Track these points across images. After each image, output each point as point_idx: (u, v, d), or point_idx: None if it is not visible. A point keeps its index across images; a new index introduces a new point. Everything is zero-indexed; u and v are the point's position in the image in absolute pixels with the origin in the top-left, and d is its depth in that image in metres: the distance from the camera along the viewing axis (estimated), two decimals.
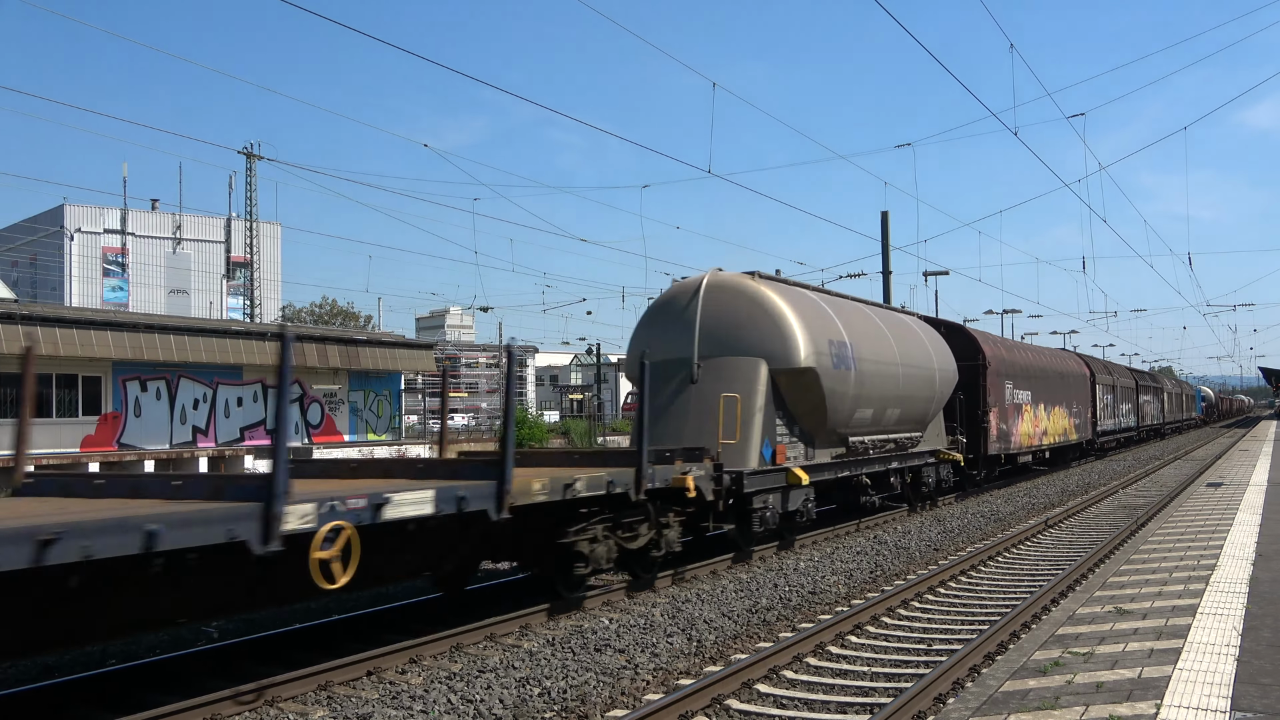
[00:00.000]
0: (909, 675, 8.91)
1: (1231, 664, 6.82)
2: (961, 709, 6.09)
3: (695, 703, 7.81)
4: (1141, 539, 14.26)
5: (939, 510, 21.16)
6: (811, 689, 8.58)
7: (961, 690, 7.87)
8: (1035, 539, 17.68)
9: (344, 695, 7.93)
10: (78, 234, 61.12)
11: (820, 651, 9.70)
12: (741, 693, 8.27)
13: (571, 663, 8.94)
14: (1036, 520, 19.48)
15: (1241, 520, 15.15)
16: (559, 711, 7.84)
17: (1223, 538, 13.25)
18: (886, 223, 31.64)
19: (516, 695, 8.01)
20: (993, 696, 6.35)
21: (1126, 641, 7.69)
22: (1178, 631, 7.89)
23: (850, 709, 8.00)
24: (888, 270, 31.48)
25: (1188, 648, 7.33)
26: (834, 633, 10.21)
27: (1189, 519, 15.90)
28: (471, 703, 7.76)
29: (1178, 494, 23.33)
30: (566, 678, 8.51)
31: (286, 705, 7.67)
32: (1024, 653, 7.54)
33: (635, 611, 10.87)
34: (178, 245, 65.44)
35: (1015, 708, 6.05)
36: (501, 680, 8.32)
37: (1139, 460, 36.65)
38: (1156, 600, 9.30)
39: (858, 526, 17.98)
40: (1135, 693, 6.23)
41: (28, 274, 61.40)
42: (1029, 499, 24.07)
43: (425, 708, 7.61)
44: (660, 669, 9.08)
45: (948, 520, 19.46)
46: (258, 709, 7.55)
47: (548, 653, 9.19)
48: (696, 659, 9.52)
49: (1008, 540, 16.77)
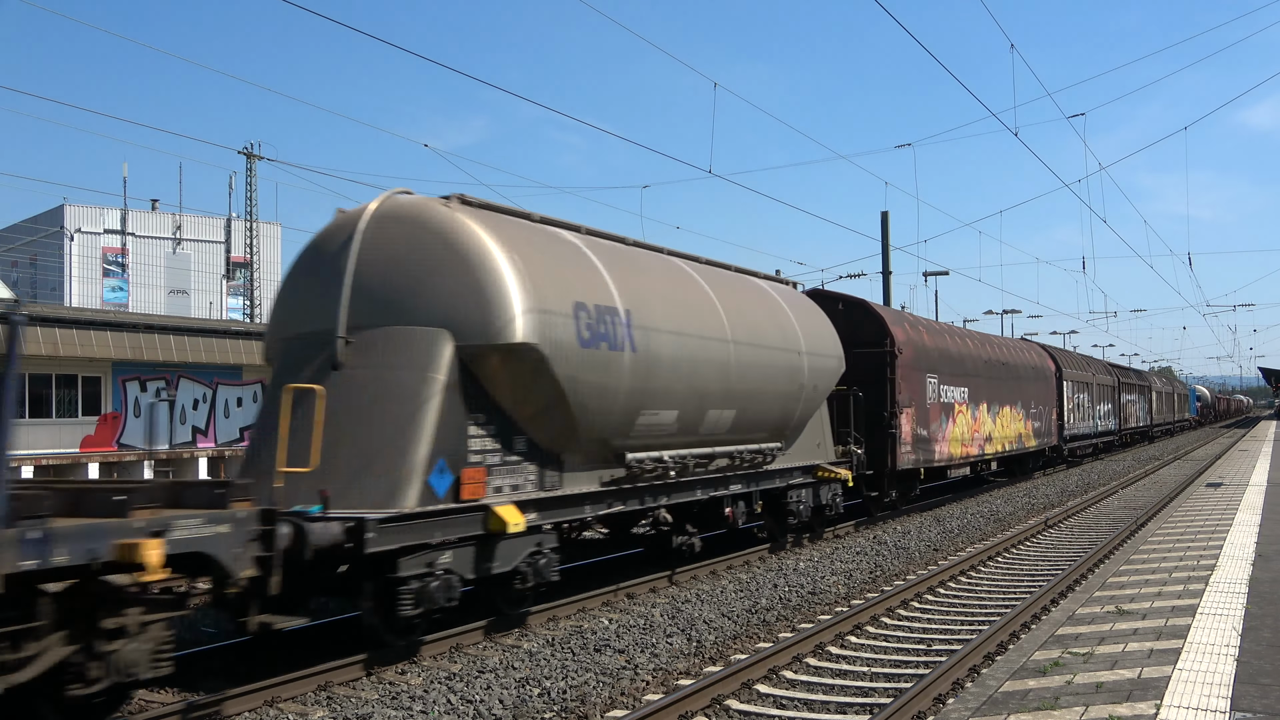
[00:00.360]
0: (909, 675, 8.91)
1: (1231, 664, 6.82)
2: (961, 709, 6.09)
3: (695, 703, 7.81)
4: (1141, 539, 14.27)
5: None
6: (811, 689, 8.58)
7: (961, 690, 7.87)
8: (1035, 539, 17.68)
9: (344, 695, 7.94)
10: (78, 234, 61.11)
11: (820, 652, 9.70)
12: (741, 693, 8.27)
13: (571, 663, 8.94)
14: (1036, 520, 19.47)
15: (1241, 520, 15.16)
16: (559, 712, 7.84)
17: (1222, 538, 13.26)
18: (886, 223, 31.65)
19: (516, 695, 8.01)
20: (992, 697, 6.35)
21: (1126, 642, 7.69)
22: (1177, 632, 7.89)
23: (850, 709, 8.00)
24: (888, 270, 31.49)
25: (1187, 648, 7.33)
26: (834, 633, 10.20)
27: (1189, 519, 15.91)
28: (471, 703, 7.77)
29: (1177, 494, 23.34)
30: (566, 678, 8.51)
31: (286, 705, 7.67)
32: (1024, 653, 7.55)
33: (635, 612, 10.87)
34: (178, 245, 65.43)
35: (1015, 708, 6.05)
36: (501, 680, 8.32)
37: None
38: (1156, 600, 9.30)
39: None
40: (1135, 693, 6.23)
41: (28, 274, 61.41)
42: (1028, 499, 24.07)
43: (425, 708, 7.62)
44: (660, 669, 9.08)
45: (947, 520, 19.46)
46: (258, 709, 7.56)
47: (547, 653, 9.20)
48: (696, 659, 9.52)
49: (1007, 540, 16.77)
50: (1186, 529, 14.66)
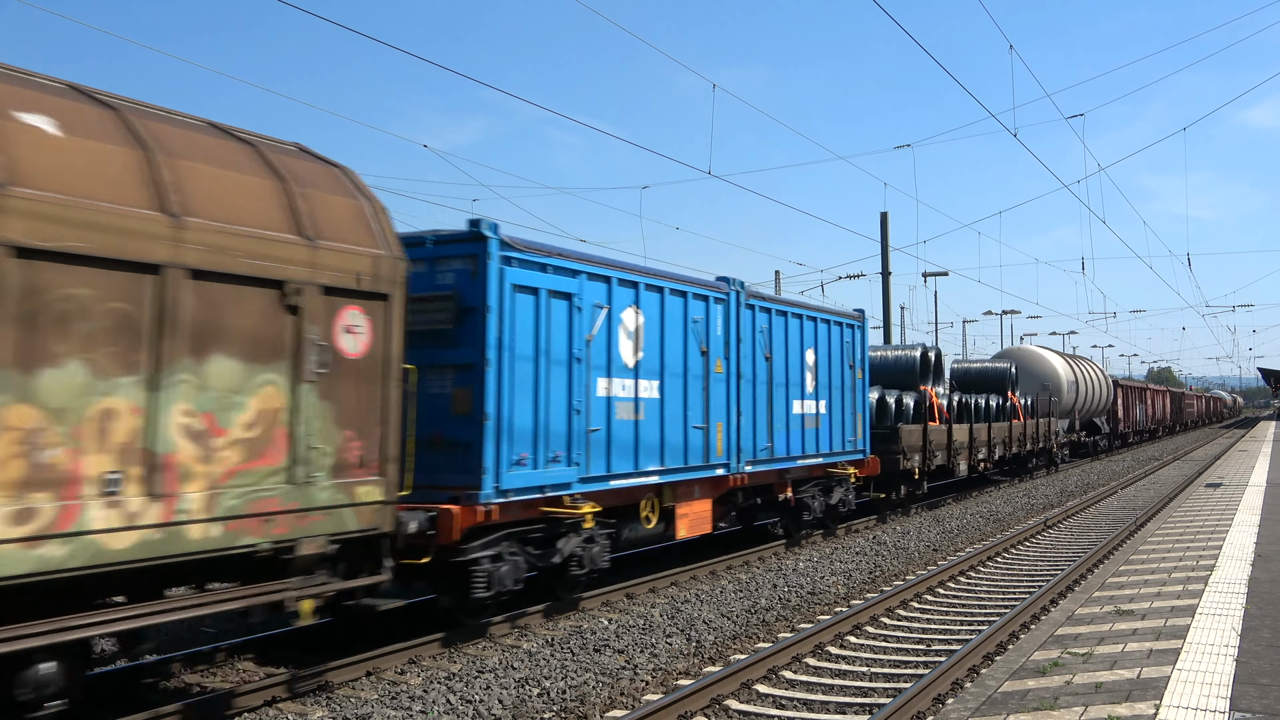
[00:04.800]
0: (908, 676, 8.91)
1: (1230, 664, 6.83)
2: (961, 709, 6.10)
3: (694, 703, 7.81)
4: (1141, 539, 14.27)
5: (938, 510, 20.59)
6: (810, 689, 8.58)
7: (961, 691, 7.88)
8: (1034, 539, 17.68)
9: (344, 695, 7.94)
10: None
11: (819, 652, 9.71)
12: (741, 693, 8.28)
13: (570, 663, 8.94)
14: (1035, 520, 19.47)
15: (1240, 521, 15.17)
16: (558, 712, 7.84)
17: (1222, 538, 13.26)
18: (886, 224, 31.64)
19: (515, 695, 8.01)
20: (991, 697, 6.36)
21: (1126, 642, 7.69)
22: (1177, 632, 7.90)
23: (849, 709, 8.00)
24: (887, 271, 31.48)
25: (1187, 648, 7.33)
26: (833, 633, 10.21)
27: (1188, 519, 15.91)
28: (471, 703, 7.77)
29: (1177, 494, 23.35)
30: (565, 678, 8.51)
31: (286, 705, 7.67)
32: (1023, 653, 7.55)
33: (634, 612, 10.87)
34: None
35: (1014, 708, 6.06)
36: (500, 680, 8.33)
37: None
38: (1155, 601, 9.31)
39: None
40: (1134, 693, 6.24)
41: None
42: (1027, 499, 24.07)
43: (424, 708, 7.62)
44: (659, 669, 9.08)
45: (946, 521, 19.47)
46: (257, 709, 7.56)
47: (547, 653, 9.20)
48: (695, 659, 9.53)
49: (1007, 541, 16.77)
50: (1186, 529, 14.67)
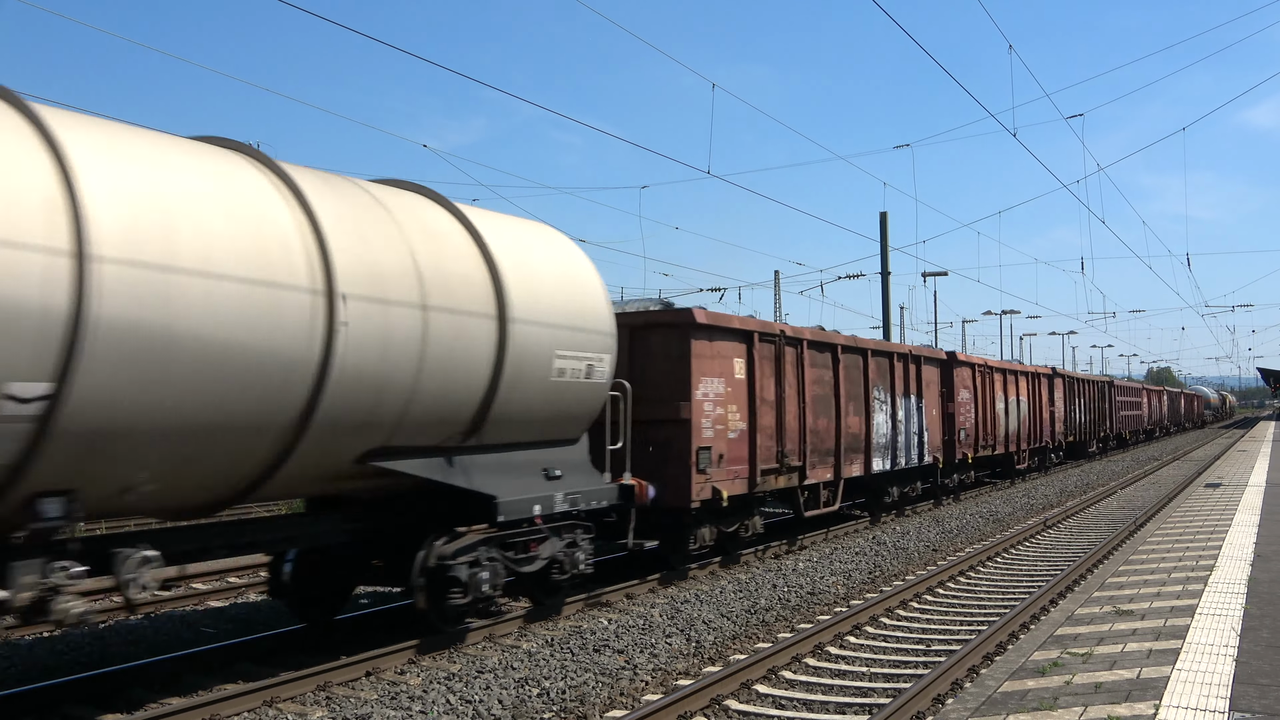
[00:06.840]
0: (908, 676, 8.92)
1: (1230, 664, 6.83)
2: (960, 709, 6.10)
3: (694, 703, 7.81)
4: (1140, 539, 14.28)
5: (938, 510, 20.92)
6: (810, 689, 8.58)
7: (960, 691, 7.88)
8: (1034, 539, 17.69)
9: (343, 695, 7.93)
10: None
11: (819, 652, 9.71)
12: (740, 693, 8.28)
13: (570, 663, 8.94)
14: (1035, 521, 19.48)
15: (1240, 521, 15.17)
16: (558, 712, 7.84)
17: (1221, 538, 13.27)
18: (885, 223, 31.61)
19: (515, 696, 8.01)
20: (991, 697, 6.36)
21: (1125, 642, 7.70)
22: (1176, 632, 7.90)
23: (849, 709, 8.00)
24: (886, 271, 31.45)
25: (1186, 648, 7.34)
26: (833, 633, 10.21)
27: (1188, 519, 15.92)
28: (470, 703, 7.76)
29: (1176, 494, 23.35)
30: (565, 678, 8.51)
31: (286, 705, 7.67)
32: (1023, 653, 7.55)
33: (634, 612, 10.87)
34: None
35: (1014, 708, 6.06)
36: (500, 680, 8.32)
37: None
38: (1155, 601, 9.31)
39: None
40: (1134, 693, 6.24)
41: None
42: (1027, 499, 24.07)
43: (424, 708, 7.61)
44: (659, 669, 9.08)
45: (946, 521, 19.47)
46: (257, 709, 7.55)
47: (546, 653, 9.20)
48: (695, 659, 9.53)
49: (1006, 541, 16.78)
50: (1185, 529, 14.67)
